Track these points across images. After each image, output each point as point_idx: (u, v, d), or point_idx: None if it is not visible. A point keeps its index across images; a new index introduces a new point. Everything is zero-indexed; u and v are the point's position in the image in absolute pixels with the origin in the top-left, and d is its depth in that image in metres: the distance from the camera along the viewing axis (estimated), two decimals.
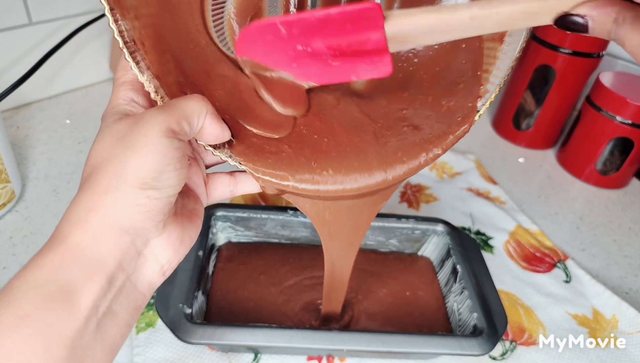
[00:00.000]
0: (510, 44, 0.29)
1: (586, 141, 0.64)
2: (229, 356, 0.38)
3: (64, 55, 0.65)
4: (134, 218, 0.21)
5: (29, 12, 0.60)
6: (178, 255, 0.25)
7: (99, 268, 0.21)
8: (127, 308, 0.23)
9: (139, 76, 0.24)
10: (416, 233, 0.47)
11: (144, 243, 0.23)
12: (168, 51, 0.26)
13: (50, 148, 0.58)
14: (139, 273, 0.23)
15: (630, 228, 0.58)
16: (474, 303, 0.39)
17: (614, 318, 0.45)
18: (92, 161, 0.22)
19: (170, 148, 0.22)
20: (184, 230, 0.25)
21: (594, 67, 0.64)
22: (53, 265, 0.20)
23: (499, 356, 0.41)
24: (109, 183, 0.21)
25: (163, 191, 0.22)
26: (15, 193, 0.49)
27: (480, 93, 0.30)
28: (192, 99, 0.24)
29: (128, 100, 0.25)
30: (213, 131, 0.25)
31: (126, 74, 0.25)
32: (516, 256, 0.51)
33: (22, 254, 0.45)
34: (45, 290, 0.19)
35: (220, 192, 0.30)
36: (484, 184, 0.61)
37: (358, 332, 0.36)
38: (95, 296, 0.20)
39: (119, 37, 0.23)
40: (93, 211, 0.21)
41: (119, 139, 0.22)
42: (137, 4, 0.24)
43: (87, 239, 0.21)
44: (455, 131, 0.30)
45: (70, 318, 0.20)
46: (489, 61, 0.30)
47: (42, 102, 0.67)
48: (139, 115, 0.22)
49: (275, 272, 0.44)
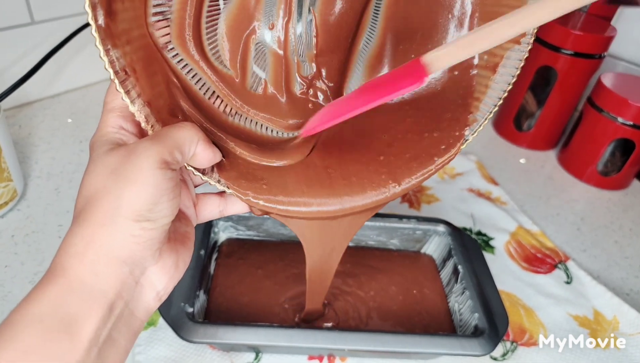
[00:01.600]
0: (503, 74, 0.28)
1: (587, 142, 0.64)
2: (230, 355, 0.38)
3: (66, 54, 0.65)
4: (132, 248, 0.22)
5: (31, 11, 0.60)
6: (173, 280, 0.25)
7: (99, 299, 0.21)
8: (126, 335, 0.23)
9: (130, 106, 0.24)
10: (417, 233, 0.47)
11: (141, 272, 0.23)
12: (159, 72, 0.26)
13: (52, 146, 0.59)
14: (136, 301, 0.24)
15: (632, 229, 0.58)
16: (475, 303, 0.39)
17: (615, 320, 0.45)
18: (86, 192, 0.22)
19: (163, 179, 0.22)
20: (178, 255, 0.26)
21: (595, 68, 0.64)
22: (53, 297, 0.20)
23: (500, 356, 0.41)
24: (104, 216, 0.21)
25: (158, 222, 0.22)
26: (17, 192, 0.49)
27: (468, 122, 0.30)
28: (184, 128, 0.24)
29: (117, 128, 0.25)
30: (205, 156, 0.25)
31: (115, 100, 0.25)
32: (517, 257, 0.51)
33: (23, 252, 0.45)
34: (47, 323, 0.20)
35: (210, 213, 0.30)
36: (485, 185, 0.61)
37: (359, 332, 0.36)
38: (96, 325, 0.21)
39: (110, 68, 0.23)
40: (91, 243, 0.21)
41: (112, 171, 0.22)
42: (128, 27, 0.24)
43: (87, 271, 0.21)
44: (439, 159, 0.30)
45: (73, 349, 0.20)
46: (481, 90, 0.29)
47: (44, 101, 0.67)
48: (132, 146, 0.22)
49: (272, 266, 0.44)
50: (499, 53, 0.29)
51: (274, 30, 0.31)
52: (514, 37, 0.23)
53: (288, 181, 0.29)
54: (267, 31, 0.31)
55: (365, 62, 0.33)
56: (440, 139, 0.30)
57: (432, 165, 0.30)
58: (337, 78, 0.33)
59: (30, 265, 0.44)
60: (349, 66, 0.33)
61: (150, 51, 0.26)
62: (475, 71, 0.30)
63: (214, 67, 0.30)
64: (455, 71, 0.31)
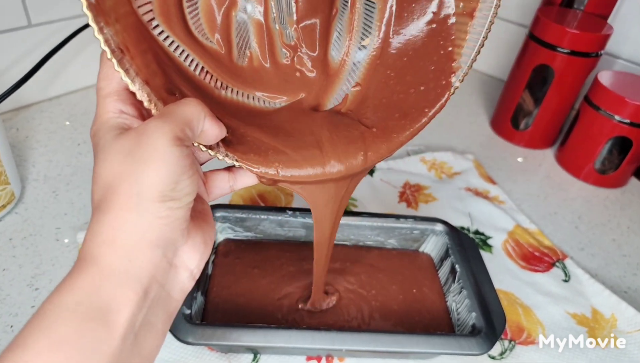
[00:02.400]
0: (481, 18, 0.29)
1: (585, 140, 0.64)
2: (228, 356, 0.38)
3: (64, 57, 0.65)
4: (161, 229, 0.21)
5: (28, 14, 0.60)
6: (204, 257, 0.25)
7: (134, 284, 0.21)
8: (162, 317, 0.23)
9: (130, 85, 0.23)
10: (415, 232, 0.47)
11: (173, 253, 0.23)
12: (149, 50, 0.26)
13: (49, 149, 0.59)
14: (172, 282, 0.24)
15: (629, 227, 0.58)
16: (472, 302, 0.39)
17: (613, 317, 0.46)
18: (102, 181, 0.22)
19: (181, 156, 0.21)
20: (204, 231, 0.26)
21: (592, 66, 0.64)
22: (86, 285, 0.20)
23: (498, 355, 0.41)
24: (129, 201, 0.21)
25: (182, 200, 0.22)
26: (15, 195, 0.49)
27: (453, 69, 0.30)
28: (190, 104, 0.23)
29: (117, 112, 0.24)
30: (212, 133, 0.25)
31: (110, 84, 0.24)
32: (515, 256, 0.51)
33: (21, 256, 0.45)
34: (81, 312, 0.19)
35: (220, 189, 0.30)
36: (482, 184, 0.61)
37: (357, 332, 0.36)
38: (132, 311, 0.21)
39: (106, 47, 0.23)
40: (119, 229, 0.21)
41: (127, 155, 0.21)
42: (114, 4, 0.24)
43: (118, 257, 0.21)
44: (430, 110, 0.31)
45: (109, 337, 0.20)
46: (461, 36, 0.30)
47: (41, 103, 0.67)
48: (142, 127, 0.22)
49: (269, 265, 0.45)
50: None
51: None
52: None
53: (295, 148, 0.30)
54: (247, 1, 0.31)
55: (345, 25, 0.34)
56: (428, 91, 0.31)
57: (424, 117, 0.31)
58: (320, 44, 0.34)
59: (28, 268, 0.44)
60: (330, 30, 0.34)
61: (139, 29, 0.26)
62: (453, 19, 0.31)
63: (198, 41, 0.30)
64: (433, 24, 0.31)
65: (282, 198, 0.55)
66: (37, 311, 0.20)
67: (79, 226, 0.48)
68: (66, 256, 0.45)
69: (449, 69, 0.30)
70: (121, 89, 0.25)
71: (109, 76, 0.24)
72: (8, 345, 0.19)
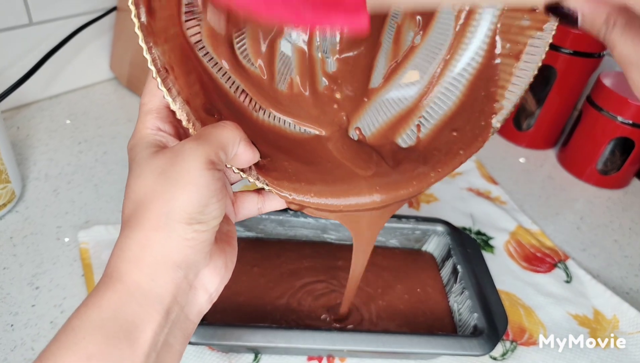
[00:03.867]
0: (528, 61, 0.29)
1: (587, 141, 0.64)
2: (229, 356, 0.38)
3: (65, 55, 0.65)
4: (185, 252, 0.22)
5: (29, 12, 0.60)
6: (223, 281, 0.26)
7: (157, 304, 0.21)
8: (180, 339, 0.23)
9: (171, 104, 0.24)
10: (417, 233, 0.47)
11: (195, 275, 0.23)
12: (193, 71, 0.26)
13: (50, 148, 0.58)
14: (191, 305, 0.24)
15: (631, 228, 0.58)
16: (474, 303, 0.39)
17: (615, 319, 0.45)
18: (134, 196, 0.22)
19: (212, 180, 0.22)
20: (226, 255, 0.26)
21: (594, 67, 0.64)
22: (112, 303, 0.20)
23: (500, 356, 0.41)
24: (158, 220, 0.21)
25: (209, 224, 0.22)
26: (16, 193, 0.49)
27: (495, 110, 0.30)
28: (226, 128, 0.24)
29: (155, 129, 0.25)
30: (246, 157, 0.25)
31: (152, 100, 0.25)
32: (517, 257, 0.51)
33: (22, 254, 0.45)
34: (107, 328, 0.20)
35: (248, 211, 0.30)
36: (484, 184, 0.61)
37: (358, 332, 0.36)
38: (155, 331, 0.21)
39: (152, 66, 0.23)
40: (146, 248, 0.21)
41: (160, 174, 0.22)
42: (165, 25, 0.25)
43: (143, 275, 0.21)
44: (466, 150, 0.31)
45: (133, 355, 0.20)
46: (505, 78, 0.30)
47: (42, 102, 0.67)
48: (178, 148, 0.22)
49: (268, 264, 0.45)
50: (522, 40, 0.29)
51: (300, 27, 0.32)
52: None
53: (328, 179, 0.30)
54: (292, 29, 0.32)
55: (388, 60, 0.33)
56: (464, 132, 0.31)
57: (457, 159, 0.31)
58: (360, 77, 0.34)
59: (29, 267, 0.44)
60: (372, 63, 0.34)
61: (185, 50, 0.26)
62: (498, 60, 0.30)
63: (241, 65, 0.30)
64: (478, 65, 0.31)
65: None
66: (65, 326, 0.20)
67: (80, 225, 0.48)
68: (67, 255, 0.45)
69: (489, 110, 0.30)
70: (162, 106, 0.25)
71: (153, 92, 0.25)
72: (36, 358, 0.19)
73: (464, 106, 0.32)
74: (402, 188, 0.31)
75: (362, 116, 0.34)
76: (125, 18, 0.63)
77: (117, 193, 0.52)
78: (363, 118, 0.34)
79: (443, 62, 0.32)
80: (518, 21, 0.29)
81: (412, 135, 0.33)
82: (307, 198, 0.29)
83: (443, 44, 0.32)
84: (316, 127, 0.33)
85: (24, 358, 0.36)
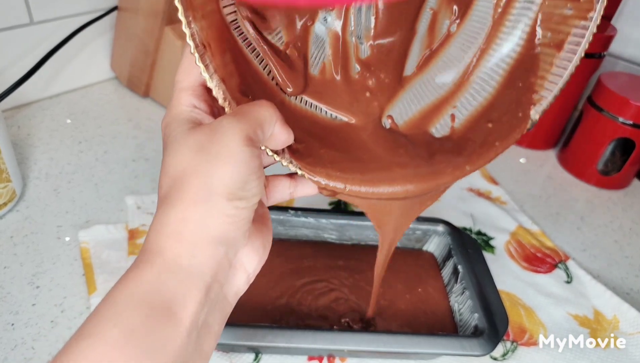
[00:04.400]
0: (569, 51, 0.28)
1: (587, 141, 0.64)
2: (229, 356, 0.38)
3: (65, 54, 0.65)
4: (226, 229, 0.21)
5: (30, 12, 0.60)
6: (262, 261, 0.25)
7: (197, 281, 0.21)
8: (219, 320, 0.23)
9: (208, 81, 0.24)
10: (417, 233, 0.47)
11: (234, 254, 0.23)
12: (229, 50, 0.26)
13: (51, 147, 0.58)
14: (230, 284, 0.23)
15: (631, 229, 0.58)
16: (474, 303, 0.39)
17: (615, 319, 0.45)
18: (172, 172, 0.22)
19: (251, 157, 0.21)
20: (263, 235, 0.26)
21: (595, 67, 0.64)
22: (153, 277, 0.20)
23: (500, 356, 0.41)
24: (197, 195, 0.21)
25: (249, 201, 0.22)
26: (16, 193, 0.49)
27: (533, 100, 0.29)
28: (264, 106, 0.23)
29: (191, 106, 0.24)
30: (281, 138, 0.25)
31: (187, 78, 0.25)
32: (517, 257, 0.51)
33: (23, 254, 0.45)
34: (149, 303, 0.19)
35: (280, 194, 0.30)
36: (485, 185, 0.61)
37: (358, 332, 0.36)
38: (195, 308, 0.20)
39: (191, 41, 0.23)
40: (186, 223, 0.21)
41: (199, 150, 0.21)
42: (203, 1, 0.24)
43: (184, 251, 0.21)
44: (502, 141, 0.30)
45: (175, 332, 0.19)
46: (545, 68, 0.29)
47: (43, 101, 0.67)
48: (216, 124, 0.22)
49: (268, 263, 0.44)
50: (565, 30, 0.28)
51: (334, 10, 0.31)
52: None
53: (362, 166, 0.30)
54: (327, 12, 0.31)
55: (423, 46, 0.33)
56: (501, 124, 0.30)
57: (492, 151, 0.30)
58: (394, 64, 0.33)
59: (29, 266, 0.44)
60: (408, 50, 0.33)
61: (221, 29, 0.26)
62: (538, 50, 0.29)
63: (275, 48, 0.30)
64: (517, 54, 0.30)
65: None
66: (105, 299, 0.19)
67: (80, 225, 0.48)
68: (67, 254, 0.45)
69: (528, 101, 0.29)
70: (197, 84, 0.25)
71: (189, 70, 0.25)
72: (76, 332, 0.19)
73: (501, 97, 0.31)
74: (437, 178, 0.31)
75: (395, 104, 0.33)
76: (126, 18, 0.63)
77: (118, 193, 0.52)
78: (396, 106, 0.33)
79: (479, 51, 0.31)
80: (560, 10, 0.28)
81: (446, 125, 0.32)
82: (341, 185, 0.29)
83: (480, 33, 0.31)
84: (348, 114, 0.32)
85: (24, 358, 0.36)
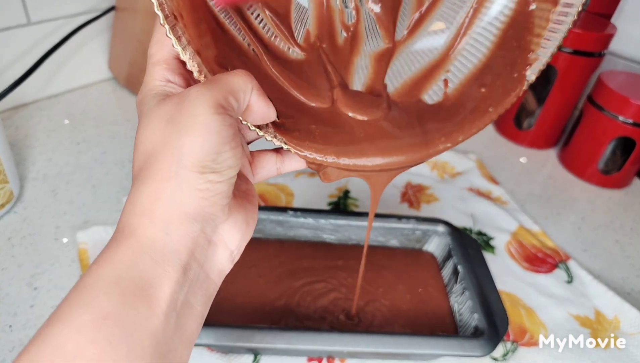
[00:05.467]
0: (567, 4, 0.26)
1: (588, 140, 0.63)
2: (228, 357, 0.38)
3: (63, 55, 0.65)
4: (200, 204, 0.20)
5: (27, 12, 0.60)
6: (245, 238, 0.24)
7: (173, 260, 0.20)
8: (201, 300, 0.22)
9: (181, 53, 0.22)
10: (417, 233, 0.47)
11: (212, 230, 0.22)
12: (204, 20, 0.25)
13: (49, 148, 0.58)
14: (211, 262, 0.22)
15: (632, 228, 0.58)
16: (475, 303, 0.39)
17: (616, 319, 0.45)
18: (143, 148, 0.21)
19: (223, 125, 0.20)
20: (247, 211, 0.25)
21: (595, 66, 0.63)
22: (126, 259, 0.19)
23: (500, 357, 0.41)
24: (168, 169, 0.20)
25: (224, 174, 0.21)
26: (14, 194, 0.49)
27: (529, 60, 0.28)
28: (237, 74, 0.22)
29: (165, 80, 0.23)
30: (259, 109, 0.24)
31: (160, 51, 0.24)
32: (518, 257, 0.51)
33: (20, 255, 0.44)
34: (122, 286, 0.18)
35: (267, 171, 0.29)
36: (485, 184, 0.61)
37: (358, 333, 0.36)
38: (173, 288, 0.20)
39: (159, 11, 0.22)
40: (157, 200, 0.20)
41: (168, 121, 0.20)
42: None
43: (157, 229, 0.20)
44: (496, 106, 0.29)
45: (152, 315, 0.19)
46: (541, 24, 0.27)
47: (40, 102, 0.66)
48: (184, 93, 0.21)
49: (267, 264, 0.44)
50: None
51: None
52: None
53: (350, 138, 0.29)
54: None
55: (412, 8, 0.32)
56: (494, 87, 0.29)
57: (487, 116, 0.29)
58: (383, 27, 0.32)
59: (27, 267, 0.43)
60: (397, 13, 0.32)
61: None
62: (533, 5, 0.28)
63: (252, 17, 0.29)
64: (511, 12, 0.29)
65: (283, 198, 0.55)
66: (77, 284, 0.19)
67: (78, 226, 0.48)
68: (65, 255, 0.45)
69: (523, 61, 0.28)
70: (171, 57, 0.24)
71: (161, 42, 0.24)
72: (47, 319, 0.18)
73: (495, 59, 0.29)
74: (428, 148, 0.30)
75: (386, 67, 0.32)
76: (123, 18, 0.63)
77: (116, 193, 0.52)
78: (386, 73, 0.32)
79: (472, 10, 0.30)
80: None
81: (439, 91, 0.31)
82: (328, 158, 0.28)
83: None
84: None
85: None
